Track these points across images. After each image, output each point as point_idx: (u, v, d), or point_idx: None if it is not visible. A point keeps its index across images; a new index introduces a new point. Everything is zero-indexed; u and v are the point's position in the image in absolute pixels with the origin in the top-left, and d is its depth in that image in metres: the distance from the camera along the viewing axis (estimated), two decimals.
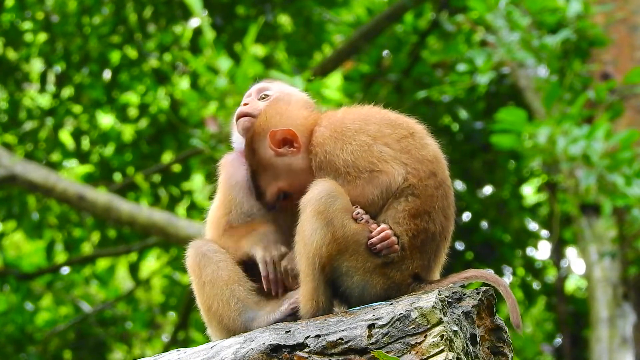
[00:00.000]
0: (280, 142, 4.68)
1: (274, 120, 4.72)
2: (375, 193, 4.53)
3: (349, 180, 4.56)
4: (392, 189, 4.53)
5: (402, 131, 4.65)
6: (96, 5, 14.26)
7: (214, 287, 4.72)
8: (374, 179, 4.53)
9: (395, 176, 4.53)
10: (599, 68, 11.00)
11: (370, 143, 4.58)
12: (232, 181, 4.87)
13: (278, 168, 4.69)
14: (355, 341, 4.29)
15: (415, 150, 4.61)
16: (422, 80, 13.71)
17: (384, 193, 4.54)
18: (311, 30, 14.69)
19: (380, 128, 4.63)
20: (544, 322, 15.45)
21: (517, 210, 14.13)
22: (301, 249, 4.55)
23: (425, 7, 14.33)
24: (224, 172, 4.92)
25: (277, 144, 4.69)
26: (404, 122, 4.70)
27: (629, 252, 10.59)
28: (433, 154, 4.65)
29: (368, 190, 4.54)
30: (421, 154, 4.61)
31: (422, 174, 4.57)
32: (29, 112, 14.57)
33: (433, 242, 4.58)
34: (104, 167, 14.46)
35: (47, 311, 15.55)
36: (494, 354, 4.47)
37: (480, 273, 4.58)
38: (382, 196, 4.54)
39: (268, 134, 4.67)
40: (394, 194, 4.54)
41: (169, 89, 14.53)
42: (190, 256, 4.82)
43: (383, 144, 4.59)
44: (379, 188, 4.53)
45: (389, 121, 4.68)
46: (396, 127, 4.66)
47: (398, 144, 4.61)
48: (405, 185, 4.55)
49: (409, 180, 4.55)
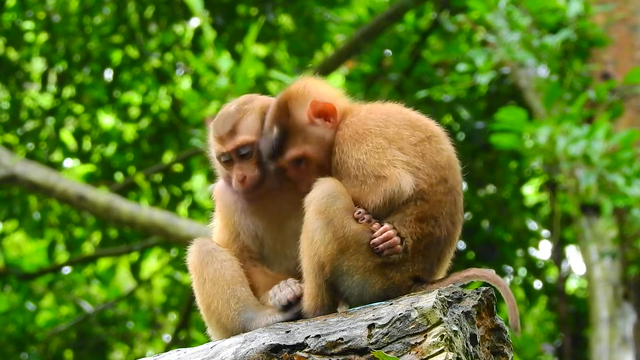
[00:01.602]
0: (318, 112, 4.69)
1: (314, 92, 4.74)
2: (376, 202, 4.53)
3: (356, 184, 4.56)
4: (398, 200, 4.51)
5: (420, 134, 4.62)
6: (97, 5, 14.26)
7: (215, 286, 4.71)
8: (378, 187, 4.52)
9: (402, 186, 4.50)
10: (599, 68, 11.00)
11: (386, 146, 4.56)
12: (233, 208, 4.83)
13: (310, 135, 4.68)
14: (355, 341, 4.29)
15: (430, 155, 4.59)
16: (423, 80, 13.71)
17: (388, 204, 4.53)
18: (312, 30, 14.69)
19: (399, 130, 4.61)
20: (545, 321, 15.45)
21: (518, 210, 14.13)
22: (303, 247, 4.56)
23: (426, 7, 14.33)
24: (220, 201, 4.88)
25: (316, 114, 4.70)
26: (424, 125, 4.67)
27: (629, 252, 10.59)
28: (447, 160, 4.63)
29: (370, 198, 4.54)
30: (435, 160, 4.59)
31: (433, 179, 4.56)
32: (30, 111, 14.58)
33: (437, 246, 4.58)
34: (105, 167, 14.47)
35: (48, 311, 15.56)
36: (494, 354, 4.47)
37: (481, 273, 4.58)
38: (385, 206, 4.53)
39: (310, 101, 4.68)
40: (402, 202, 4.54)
41: (170, 88, 14.53)
42: (193, 252, 4.80)
43: (397, 148, 4.57)
44: (381, 197, 4.52)
45: (409, 122, 4.66)
46: (415, 129, 4.63)
47: (414, 148, 4.59)
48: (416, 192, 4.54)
49: (419, 187, 4.53)
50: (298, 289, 4.62)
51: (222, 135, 4.75)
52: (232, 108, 4.81)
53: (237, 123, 4.75)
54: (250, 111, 4.78)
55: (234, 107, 4.81)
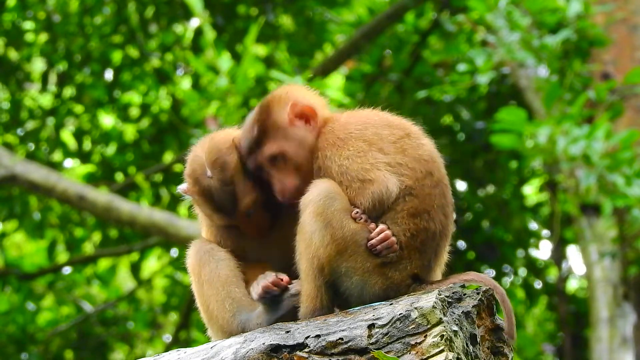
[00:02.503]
0: (299, 114, 4.75)
1: (295, 96, 4.79)
2: (365, 205, 4.55)
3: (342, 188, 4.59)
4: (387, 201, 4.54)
5: (398, 132, 4.67)
6: (98, 5, 14.26)
7: (211, 287, 4.72)
8: (365, 190, 4.55)
9: (388, 186, 4.54)
10: (599, 68, 11.00)
11: (366, 149, 4.60)
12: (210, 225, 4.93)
13: (290, 135, 4.73)
14: (355, 341, 4.29)
15: (411, 149, 4.63)
16: (423, 80, 13.71)
17: (377, 206, 4.55)
18: (312, 30, 14.69)
19: (378, 131, 4.66)
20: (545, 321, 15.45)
21: (518, 210, 14.13)
22: (301, 250, 4.56)
23: (426, 7, 14.33)
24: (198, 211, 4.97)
25: (296, 115, 4.75)
26: (401, 124, 4.72)
27: (629, 252, 10.59)
28: (429, 154, 4.66)
29: (358, 201, 4.56)
30: (418, 154, 4.63)
31: (418, 174, 4.59)
32: (30, 112, 14.57)
33: (433, 241, 4.59)
34: (105, 167, 14.47)
35: (49, 311, 15.55)
36: (494, 354, 4.47)
37: (480, 278, 4.58)
38: (375, 209, 4.55)
39: (290, 103, 4.74)
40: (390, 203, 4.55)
41: (170, 88, 14.53)
42: (191, 255, 4.83)
43: (378, 150, 4.60)
44: (369, 200, 4.54)
45: (386, 122, 4.71)
46: (393, 128, 4.68)
47: (394, 145, 4.62)
48: (402, 189, 4.56)
49: (405, 183, 4.56)
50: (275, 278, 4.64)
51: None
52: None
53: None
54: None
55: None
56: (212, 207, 4.79)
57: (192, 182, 4.81)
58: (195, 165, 4.81)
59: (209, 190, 4.76)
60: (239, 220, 4.78)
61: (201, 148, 4.83)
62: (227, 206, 4.75)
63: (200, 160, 4.79)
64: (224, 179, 4.75)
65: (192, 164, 4.83)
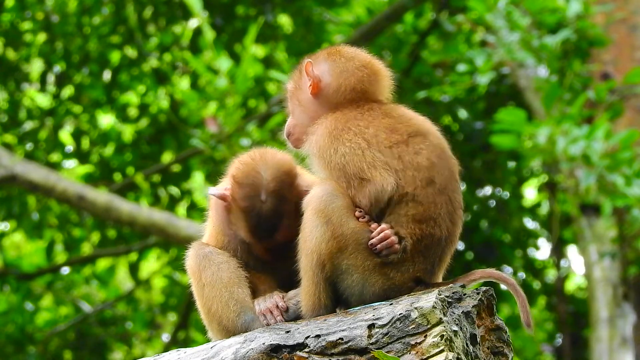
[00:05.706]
0: (308, 72, 5.04)
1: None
2: (363, 203, 4.54)
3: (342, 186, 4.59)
4: (382, 199, 4.52)
5: (397, 137, 4.61)
6: (96, 5, 14.26)
7: (213, 289, 4.70)
8: (363, 188, 4.53)
9: (384, 185, 4.51)
10: (599, 68, 11.00)
11: (365, 147, 4.58)
12: (225, 220, 4.86)
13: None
14: (355, 341, 4.29)
15: (408, 156, 4.57)
16: (422, 80, 13.71)
17: (374, 203, 4.53)
18: (311, 30, 14.69)
19: (377, 132, 4.62)
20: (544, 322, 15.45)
21: (517, 210, 14.13)
22: (302, 247, 4.56)
23: (425, 7, 14.33)
24: (215, 210, 4.88)
25: (308, 73, 5.06)
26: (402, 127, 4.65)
27: (629, 252, 10.59)
28: (428, 160, 4.59)
29: (356, 199, 4.55)
30: (416, 161, 4.57)
31: (417, 182, 4.54)
32: (29, 112, 14.58)
33: (438, 246, 4.57)
34: (104, 167, 14.47)
35: (47, 311, 15.56)
36: (494, 354, 4.47)
37: (487, 273, 4.57)
38: (372, 207, 4.54)
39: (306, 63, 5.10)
40: (387, 203, 4.53)
41: (169, 89, 14.53)
42: (191, 257, 4.80)
43: (377, 150, 4.57)
44: (367, 198, 4.53)
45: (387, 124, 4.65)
46: (393, 132, 4.62)
47: (390, 150, 4.58)
48: (399, 193, 4.53)
49: (404, 189, 4.52)
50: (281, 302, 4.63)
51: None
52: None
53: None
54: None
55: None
56: (248, 225, 4.69)
57: (241, 197, 4.68)
58: (251, 182, 4.68)
59: (256, 213, 4.66)
60: (262, 243, 4.74)
61: (263, 166, 4.71)
62: (265, 232, 4.68)
63: (259, 181, 4.67)
64: (276, 210, 4.66)
65: (248, 178, 4.69)
